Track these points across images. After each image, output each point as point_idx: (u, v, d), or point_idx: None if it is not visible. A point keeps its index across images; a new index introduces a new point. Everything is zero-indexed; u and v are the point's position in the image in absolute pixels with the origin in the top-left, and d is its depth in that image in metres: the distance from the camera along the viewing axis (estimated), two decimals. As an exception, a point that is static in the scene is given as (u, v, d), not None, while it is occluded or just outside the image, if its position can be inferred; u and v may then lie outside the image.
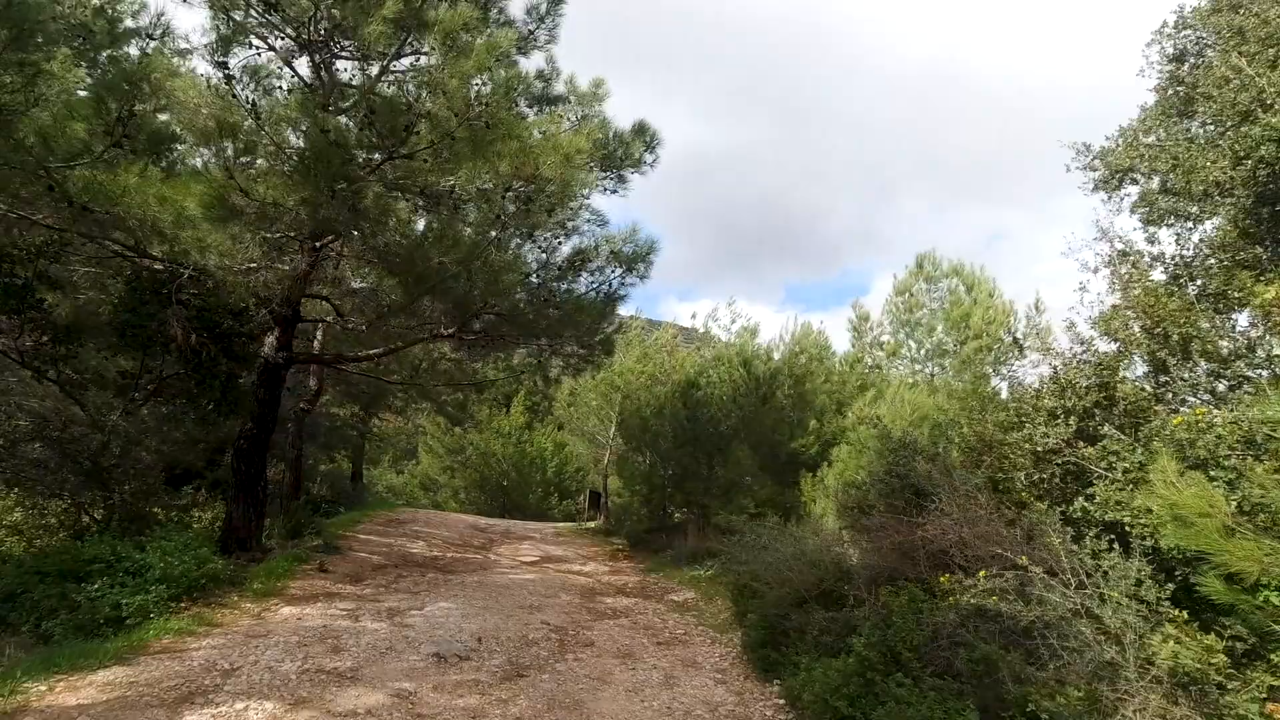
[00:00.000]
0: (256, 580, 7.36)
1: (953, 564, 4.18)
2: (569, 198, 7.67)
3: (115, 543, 7.23)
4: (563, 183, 7.33)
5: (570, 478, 25.52)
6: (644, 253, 10.04)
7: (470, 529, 15.27)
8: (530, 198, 7.36)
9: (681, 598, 9.66)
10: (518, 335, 11.00)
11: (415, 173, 7.89)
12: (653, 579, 11.03)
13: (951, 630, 3.71)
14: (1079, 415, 4.25)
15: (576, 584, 9.87)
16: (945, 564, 4.26)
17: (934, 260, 13.05)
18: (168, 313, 7.84)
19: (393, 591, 7.90)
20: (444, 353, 15.13)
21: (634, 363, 16.52)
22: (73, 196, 6.84)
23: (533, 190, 7.35)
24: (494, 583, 9.08)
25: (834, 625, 4.73)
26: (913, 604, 4.03)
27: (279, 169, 7.61)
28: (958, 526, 4.05)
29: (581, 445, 18.72)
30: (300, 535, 10.37)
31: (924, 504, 4.66)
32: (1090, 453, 4.07)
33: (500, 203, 7.31)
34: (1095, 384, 4.25)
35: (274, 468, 13.12)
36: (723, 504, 11.97)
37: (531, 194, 7.36)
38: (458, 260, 7.43)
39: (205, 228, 7.75)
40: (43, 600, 6.64)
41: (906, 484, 5.05)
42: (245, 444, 9.05)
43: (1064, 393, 4.36)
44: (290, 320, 9.46)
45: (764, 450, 11.90)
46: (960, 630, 3.70)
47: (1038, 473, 4.34)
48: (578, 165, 7.34)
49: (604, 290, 10.12)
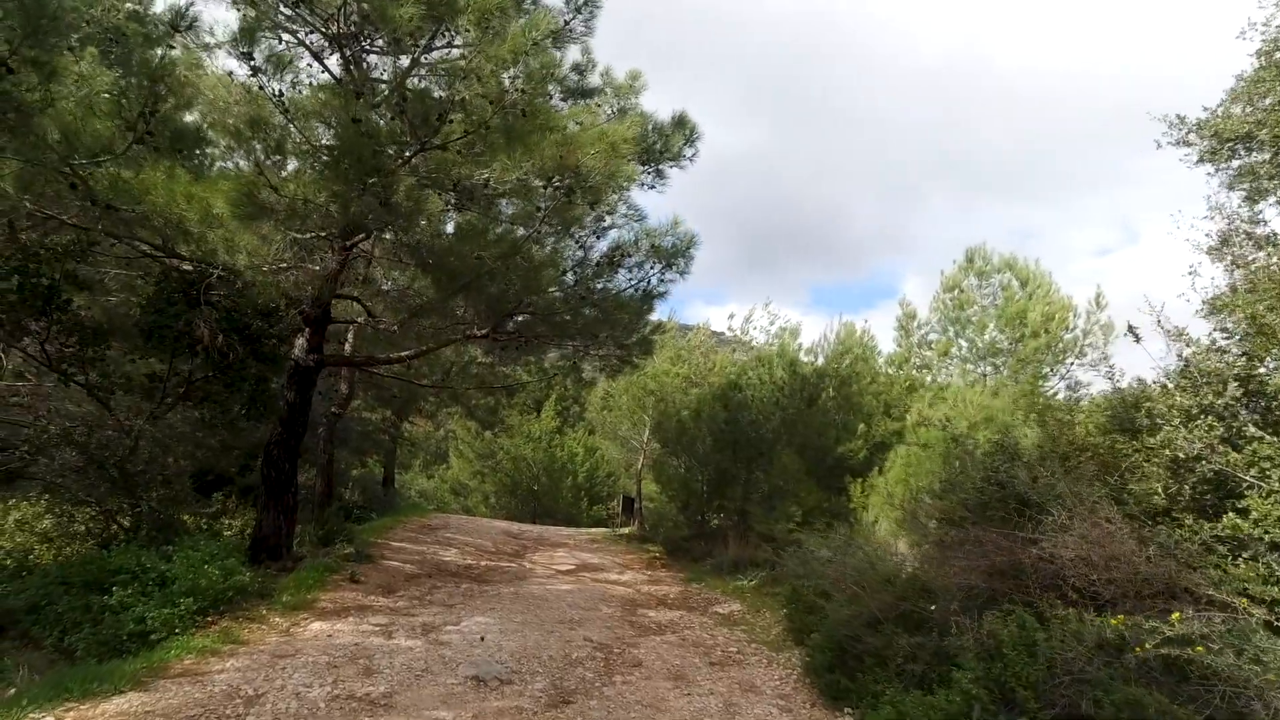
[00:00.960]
0: (286, 592, 6.97)
1: (1067, 588, 3.60)
2: (613, 190, 7.19)
3: (141, 552, 6.90)
4: (607, 173, 6.86)
5: (601, 482, 25.05)
6: (684, 247, 9.52)
7: (503, 535, 14.85)
8: (571, 189, 6.89)
9: (727, 610, 9.11)
10: (552, 335, 10.56)
11: (448, 165, 7.47)
12: (694, 589, 10.48)
13: (1079, 666, 3.13)
14: (1217, 415, 3.64)
15: (616, 595, 9.36)
16: (1058, 588, 3.68)
17: (984, 255, 12.35)
18: (195, 314, 7.53)
19: (427, 604, 7.47)
20: (475, 356, 14.79)
21: (668, 365, 16.01)
22: (96, 195, 6.54)
23: (574, 182, 6.88)
24: (531, 594, 8.61)
25: (922, 652, 4.17)
26: (1025, 633, 3.45)
27: (308, 163, 7.25)
28: (1082, 545, 3.46)
29: (614, 449, 18.25)
30: (332, 543, 10.02)
31: (1031, 517, 4.07)
32: (1236, 459, 3.46)
33: (541, 194, 6.85)
34: (1235, 376, 3.63)
35: (305, 473, 12.83)
36: (765, 511, 11.39)
37: (573, 186, 6.90)
38: (496, 256, 6.99)
39: (233, 226, 7.42)
40: (67, 613, 6.33)
41: (1009, 493, 4.46)
42: (275, 449, 8.70)
43: (1198, 388, 3.75)
44: (321, 321, 9.11)
45: (809, 455, 11.30)
46: (1088, 666, 3.12)
47: (1176, 483, 3.73)
48: (623, 155, 6.86)
49: (642, 287, 9.62)
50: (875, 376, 12.02)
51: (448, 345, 10.34)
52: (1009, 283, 11.87)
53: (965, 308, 12.12)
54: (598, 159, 6.79)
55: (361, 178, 6.89)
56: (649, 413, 16.23)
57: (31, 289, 7.01)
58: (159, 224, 6.92)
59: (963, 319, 12.12)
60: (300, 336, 9.10)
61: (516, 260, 7.25)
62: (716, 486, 13.39)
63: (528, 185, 6.89)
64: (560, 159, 6.66)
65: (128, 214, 6.86)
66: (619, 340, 10.81)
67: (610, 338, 10.70)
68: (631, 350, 10.85)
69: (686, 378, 16.06)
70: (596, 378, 12.42)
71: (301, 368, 8.96)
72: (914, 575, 5.00)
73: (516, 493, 24.88)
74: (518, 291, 7.98)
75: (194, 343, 7.11)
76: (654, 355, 11.78)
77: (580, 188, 6.93)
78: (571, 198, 6.95)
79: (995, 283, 12.02)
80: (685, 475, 13.64)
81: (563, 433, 25.32)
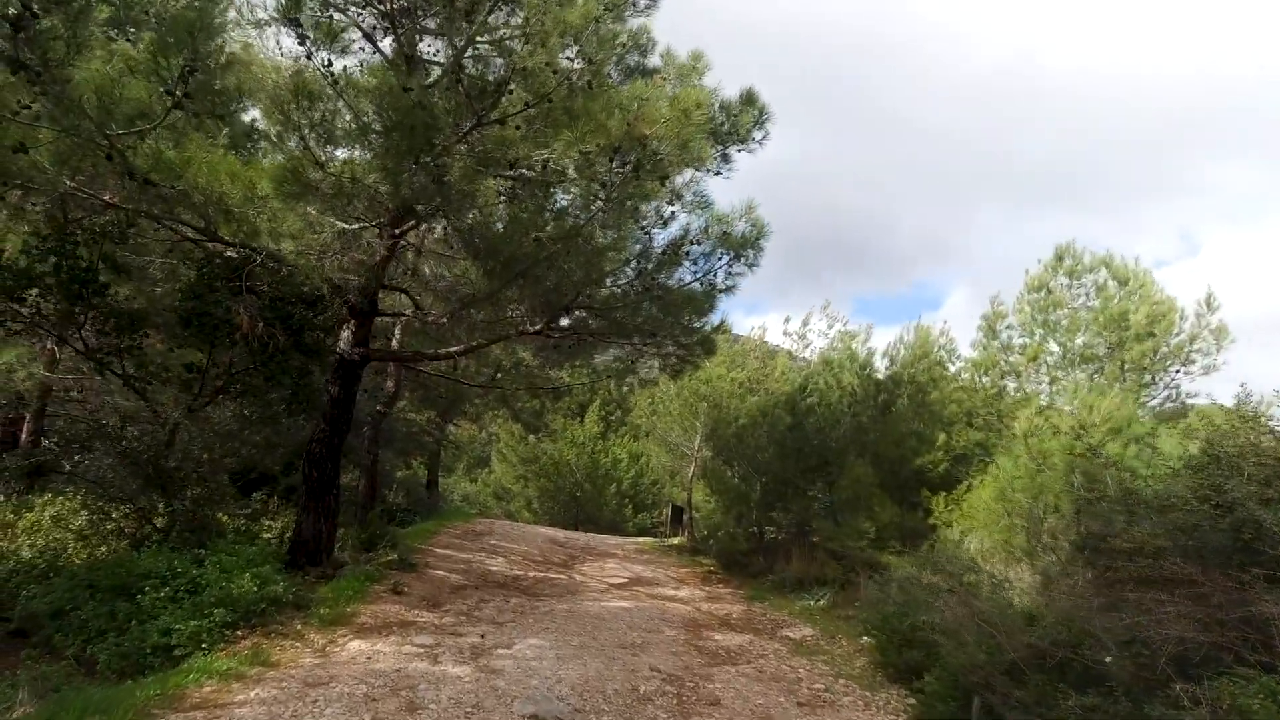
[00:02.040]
0: (324, 604, 6.32)
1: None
2: (685, 164, 6.41)
3: (172, 556, 6.33)
4: (679, 143, 6.08)
5: (646, 490, 24.22)
6: (754, 236, 8.68)
7: (549, 543, 14.14)
8: (639, 164, 6.13)
9: (799, 635, 8.19)
10: (609, 334, 9.81)
11: (506, 144, 6.77)
12: (758, 609, 9.58)
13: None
14: None
15: (676, 614, 8.52)
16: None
17: (1075, 253, 11.22)
18: (236, 301, 6.97)
19: (475, 621, 6.74)
20: (523, 359, 14.15)
21: (722, 369, 15.15)
22: (134, 168, 6.02)
23: (642, 155, 6.11)
24: (586, 612, 7.83)
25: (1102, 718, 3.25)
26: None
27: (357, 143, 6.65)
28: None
29: (664, 456, 17.41)
30: (374, 548, 9.40)
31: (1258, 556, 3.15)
32: None
33: (607, 169, 6.11)
34: None
35: (349, 473, 12.30)
36: (834, 526, 10.43)
37: (640, 160, 6.13)
38: (556, 237, 6.27)
39: (277, 207, 6.86)
40: (91, 620, 5.77)
41: (1239, 519, 3.50)
42: (317, 447, 8.11)
43: None
44: (367, 313, 8.51)
45: (882, 466, 10.32)
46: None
47: None
48: (696, 123, 6.08)
49: (709, 281, 8.81)
50: (955, 382, 10.98)
51: (498, 342, 9.67)
52: (1104, 282, 10.73)
53: (1053, 309, 10.98)
54: (669, 128, 6.02)
55: (414, 153, 6.25)
56: (701, 419, 15.39)
57: (68, 271, 6.54)
58: (199, 201, 6.37)
59: (1051, 322, 10.98)
60: (345, 329, 8.53)
61: (577, 244, 6.51)
62: (778, 498, 12.46)
63: (591, 161, 6.15)
64: (628, 129, 5.91)
65: (167, 191, 6.33)
66: (679, 339, 10.02)
67: (669, 336, 9.92)
68: (693, 350, 10.04)
69: (741, 383, 15.17)
70: (656, 378, 11.59)
71: (346, 361, 8.37)
72: (1067, 614, 4.08)
73: (559, 498, 24.23)
74: (577, 281, 7.25)
75: (233, 331, 6.53)
76: (715, 355, 10.92)
77: (649, 162, 6.16)
78: (639, 173, 6.19)
79: (1089, 283, 10.88)
80: (742, 485, 12.75)
81: (606, 438, 24.61)
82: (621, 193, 6.31)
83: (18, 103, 5.42)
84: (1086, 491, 5.17)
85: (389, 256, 8.59)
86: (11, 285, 6.58)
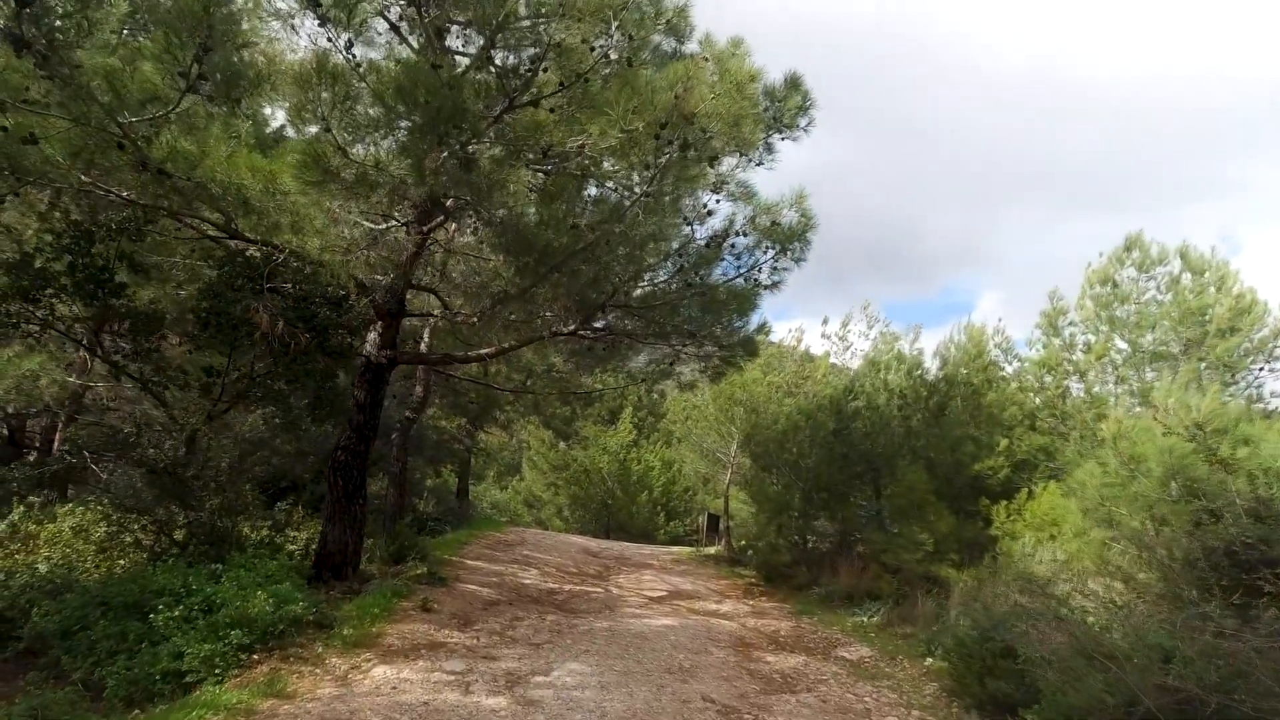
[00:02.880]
0: (348, 623, 5.82)
1: None
2: (738, 144, 5.84)
3: (188, 571, 5.88)
4: (731, 120, 5.51)
5: (678, 498, 23.57)
6: (801, 229, 8.06)
7: (582, 553, 13.57)
8: (686, 144, 5.56)
9: (855, 655, 7.51)
10: (645, 334, 9.24)
11: (539, 129, 6.26)
12: (807, 625, 8.90)
13: None
14: None
15: (722, 632, 7.89)
16: None
17: (1143, 243, 10.39)
18: (257, 300, 6.54)
19: (509, 642, 6.18)
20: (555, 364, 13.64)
21: (758, 372, 14.50)
22: (147, 158, 5.61)
23: (691, 135, 5.55)
24: (627, 630, 7.24)
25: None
26: None
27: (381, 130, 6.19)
28: None
29: (698, 463, 16.78)
30: (403, 560, 8.92)
31: None
32: None
33: (652, 149, 5.55)
34: None
35: (378, 482, 11.89)
36: (886, 536, 9.71)
37: (687, 139, 5.57)
38: (596, 225, 5.73)
39: (299, 200, 6.43)
40: (101, 640, 5.33)
41: None
42: (343, 454, 7.66)
43: None
44: (395, 314, 8.06)
45: (938, 473, 9.58)
46: None
47: None
48: (750, 97, 5.51)
49: (753, 278, 8.20)
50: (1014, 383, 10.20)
51: (530, 344, 9.15)
52: (1178, 274, 9.88)
53: (1120, 304, 10.17)
54: (720, 104, 5.45)
55: (441, 135, 5.77)
56: (737, 424, 14.75)
57: (83, 270, 6.16)
58: (216, 194, 5.95)
59: (1117, 318, 10.16)
60: (372, 331, 8.08)
61: (618, 232, 5.96)
62: (821, 505, 11.76)
63: (635, 141, 5.59)
64: (675, 103, 5.34)
65: (183, 183, 5.92)
66: (719, 340, 9.43)
67: (709, 337, 9.33)
68: (734, 351, 9.43)
69: (779, 386, 14.51)
70: (695, 381, 10.99)
71: (373, 365, 7.92)
72: (1212, 646, 3.39)
73: (590, 506, 23.69)
74: (616, 275, 6.70)
75: (253, 331, 6.08)
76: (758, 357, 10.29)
77: (697, 143, 5.59)
78: (686, 155, 5.62)
79: (1160, 275, 10.05)
80: (783, 492, 12.06)
81: (638, 445, 24.03)
82: (667, 176, 5.74)
83: (24, 89, 5.04)
84: (1207, 500, 4.46)
85: (417, 254, 8.14)
86: (27, 286, 6.24)
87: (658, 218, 6.14)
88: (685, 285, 7.52)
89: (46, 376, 9.01)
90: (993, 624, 5.31)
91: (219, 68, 5.07)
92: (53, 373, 9.08)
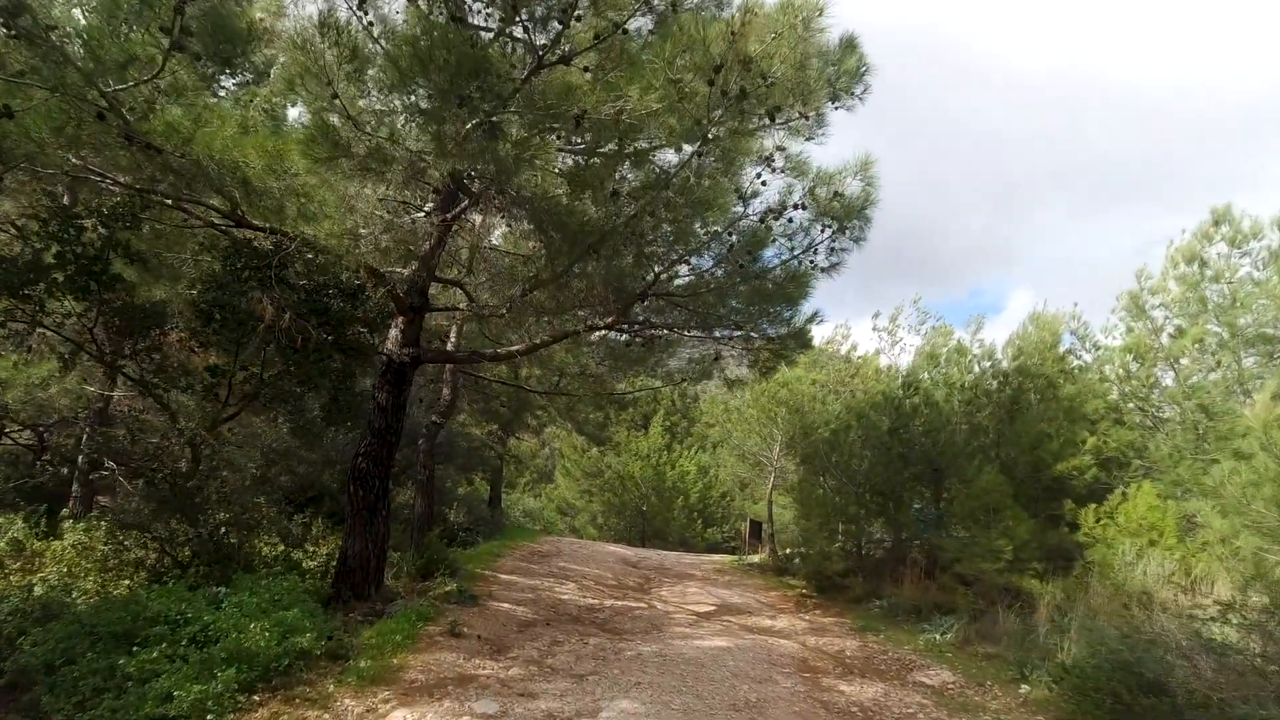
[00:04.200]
0: (365, 654, 4.99)
1: None
2: (803, 93, 4.94)
3: (187, 595, 5.12)
4: (797, 63, 4.62)
5: (715, 503, 22.55)
6: (861, 204, 7.11)
7: (621, 564, 12.67)
8: (744, 93, 4.67)
9: (937, 680, 6.50)
10: (689, 325, 8.36)
11: (571, 93, 5.42)
12: (874, 643, 7.88)
13: None
14: None
15: (783, 654, 6.93)
16: None
17: (1232, 217, 9.24)
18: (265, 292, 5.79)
19: (548, 673, 5.31)
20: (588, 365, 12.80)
21: (801, 370, 13.51)
22: (133, 129, 4.90)
23: (750, 81, 4.66)
24: (679, 655, 6.32)
25: None
26: None
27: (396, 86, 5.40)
28: None
29: (739, 467, 15.78)
30: (431, 575, 8.13)
31: None
32: None
33: (703, 100, 4.67)
34: None
35: (404, 491, 11.14)
36: (958, 543, 8.65)
37: (745, 88, 4.68)
38: (639, 190, 4.86)
39: (307, 180, 5.68)
40: (85, 677, 4.57)
41: None
42: (364, 462, 6.88)
43: None
44: (417, 309, 7.28)
45: (1014, 473, 8.51)
46: None
47: None
48: (817, 33, 4.62)
49: (810, 259, 7.26)
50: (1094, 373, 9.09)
51: (564, 339, 8.32)
52: (1277, 248, 8.72)
53: (1212, 283, 9.01)
54: (782, 44, 4.56)
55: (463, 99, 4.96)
56: (780, 425, 13.75)
57: (74, 260, 5.47)
58: (213, 172, 5.22)
59: (1208, 301, 9.00)
60: (394, 327, 7.32)
61: (664, 199, 5.08)
62: (878, 511, 10.73)
63: (682, 92, 4.72)
64: (731, 42, 4.46)
65: (177, 161, 5.20)
66: (767, 332, 8.49)
67: (756, 328, 8.40)
68: (785, 344, 8.48)
69: (824, 385, 13.50)
70: (743, 377, 10.06)
71: (395, 364, 7.14)
72: None
73: (624, 513, 22.78)
74: (660, 255, 5.83)
75: (257, 322, 5.32)
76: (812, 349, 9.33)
77: (757, 91, 4.69)
78: (742, 104, 4.73)
79: (1255, 250, 8.89)
80: (835, 497, 11.04)
81: (671, 450, 23.08)
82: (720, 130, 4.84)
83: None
84: None
85: (440, 244, 7.36)
86: (16, 281, 5.57)
87: (711, 181, 5.25)
88: (737, 268, 6.60)
89: (57, 384, 8.41)
90: (1130, 649, 4.29)
91: (203, 19, 4.36)
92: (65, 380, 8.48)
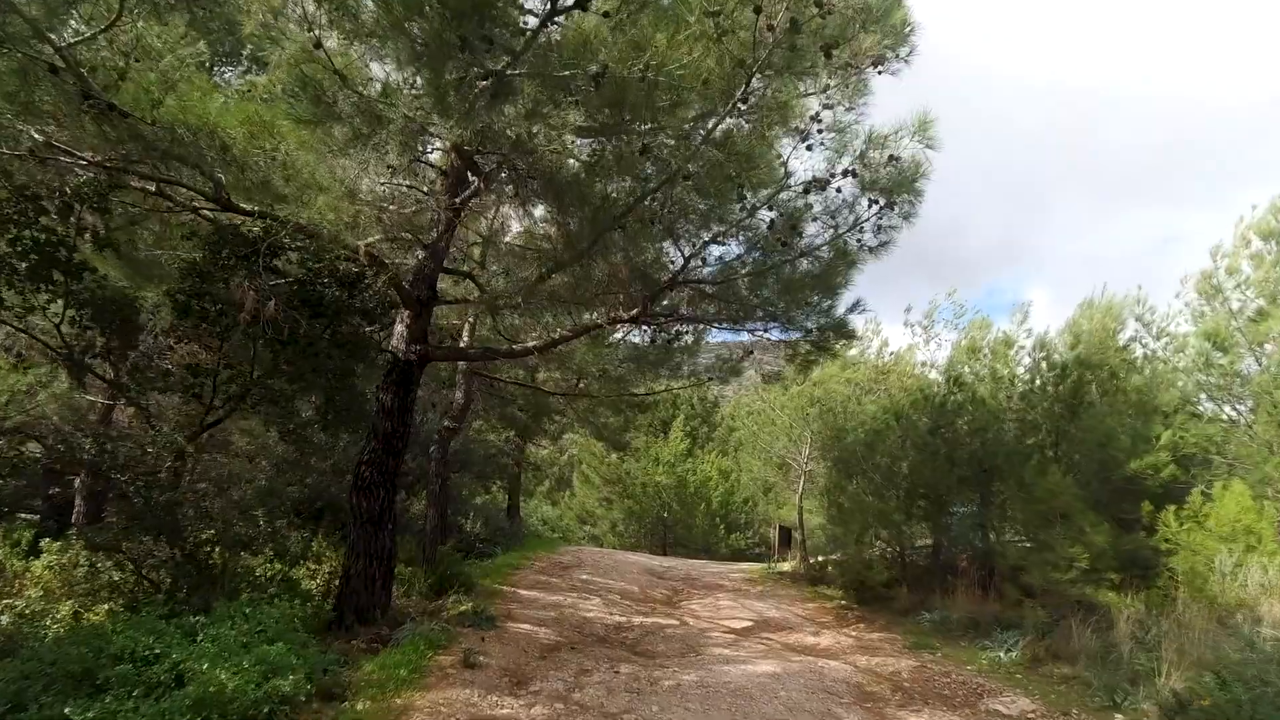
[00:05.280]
0: (365, 693, 4.21)
1: None
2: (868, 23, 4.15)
3: (160, 626, 4.37)
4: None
5: (738, 509, 21.63)
6: (911, 176, 6.27)
7: (646, 575, 11.83)
8: (795, 23, 3.88)
9: (1015, 709, 5.61)
10: (720, 318, 7.57)
11: (589, 46, 4.67)
12: (931, 663, 6.99)
13: None
14: None
15: (836, 679, 6.06)
16: None
17: (1311, 189, 8.28)
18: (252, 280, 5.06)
19: (576, 711, 4.49)
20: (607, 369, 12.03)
21: (834, 368, 12.62)
22: (91, 87, 4.19)
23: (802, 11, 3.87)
24: (723, 683, 5.47)
25: None
26: None
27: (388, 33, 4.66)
28: None
29: (766, 471, 14.89)
30: (445, 593, 7.35)
31: None
32: None
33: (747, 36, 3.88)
34: None
35: (417, 501, 10.38)
36: (1023, 551, 7.74)
37: (796, 18, 3.89)
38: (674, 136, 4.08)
39: (295, 151, 4.95)
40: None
41: None
42: (368, 470, 6.12)
43: None
44: (425, 303, 6.53)
45: (1079, 474, 7.59)
46: None
47: None
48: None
49: (856, 239, 6.44)
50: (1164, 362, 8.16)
51: (584, 334, 7.54)
52: (1367, 221, 7.77)
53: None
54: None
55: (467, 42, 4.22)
56: (811, 425, 12.87)
57: (33, 245, 4.76)
58: (187, 139, 4.50)
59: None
60: (399, 323, 6.57)
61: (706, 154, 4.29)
62: (922, 516, 9.84)
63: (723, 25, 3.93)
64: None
65: (145, 129, 4.49)
66: (805, 324, 7.66)
67: (791, 319, 7.58)
68: (826, 336, 7.65)
69: (858, 384, 12.61)
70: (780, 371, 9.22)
71: (401, 363, 6.39)
72: None
73: (645, 521, 21.92)
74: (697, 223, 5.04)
75: (239, 313, 4.58)
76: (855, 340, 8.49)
77: (811, 22, 3.91)
78: (794, 38, 3.94)
79: (1341, 223, 7.94)
80: (874, 501, 10.15)
81: (693, 455, 22.20)
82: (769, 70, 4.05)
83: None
84: None
85: (449, 230, 6.62)
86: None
87: (757, 136, 4.44)
88: (779, 246, 5.79)
89: (45, 391, 7.74)
90: None
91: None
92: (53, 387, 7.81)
